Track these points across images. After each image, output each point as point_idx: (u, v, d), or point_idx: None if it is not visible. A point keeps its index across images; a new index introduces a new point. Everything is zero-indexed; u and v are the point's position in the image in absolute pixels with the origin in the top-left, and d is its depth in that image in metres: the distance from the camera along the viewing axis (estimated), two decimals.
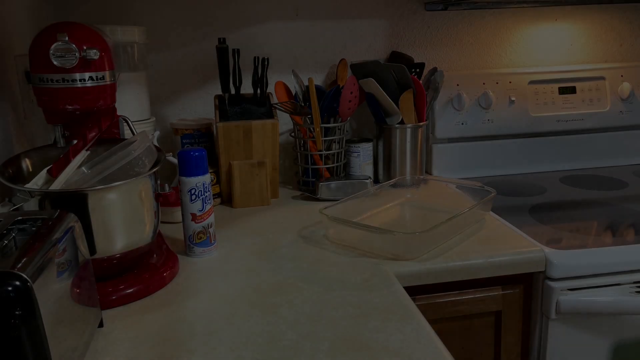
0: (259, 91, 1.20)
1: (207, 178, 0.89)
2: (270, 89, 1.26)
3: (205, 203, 0.89)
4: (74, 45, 0.74)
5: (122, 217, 0.73)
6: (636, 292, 0.92)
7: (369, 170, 1.31)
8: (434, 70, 1.29)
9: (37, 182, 0.80)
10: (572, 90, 1.39)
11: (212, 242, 0.91)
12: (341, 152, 1.27)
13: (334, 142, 1.26)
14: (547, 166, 1.41)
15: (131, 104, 1.11)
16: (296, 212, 1.12)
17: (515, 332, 0.95)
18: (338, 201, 1.01)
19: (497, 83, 1.35)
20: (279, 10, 1.33)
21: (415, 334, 0.66)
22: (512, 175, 1.38)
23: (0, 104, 0.87)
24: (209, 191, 0.89)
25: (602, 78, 1.40)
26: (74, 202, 0.69)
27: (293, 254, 0.91)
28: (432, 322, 0.90)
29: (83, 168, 0.83)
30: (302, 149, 1.26)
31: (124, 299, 0.75)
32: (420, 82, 1.26)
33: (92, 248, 0.72)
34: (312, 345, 0.64)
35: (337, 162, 1.27)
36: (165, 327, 0.69)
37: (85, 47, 0.75)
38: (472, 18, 1.42)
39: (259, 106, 1.20)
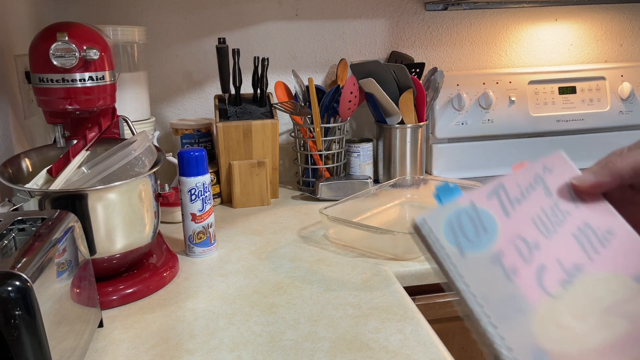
0: (259, 91, 1.20)
1: (207, 178, 0.89)
2: (270, 89, 1.26)
3: (205, 203, 0.89)
4: (73, 45, 0.74)
5: (122, 217, 0.73)
6: None
7: (369, 170, 1.31)
8: (434, 70, 1.29)
9: (37, 182, 0.80)
10: (572, 90, 1.39)
11: (212, 242, 0.91)
12: (341, 152, 1.27)
13: (334, 142, 1.26)
14: None
15: (131, 103, 1.11)
16: (296, 212, 1.12)
17: None
18: (338, 201, 1.01)
19: (497, 83, 1.35)
20: (279, 10, 1.33)
21: (415, 334, 0.66)
22: None
23: (0, 104, 0.87)
24: (209, 191, 0.89)
25: (602, 78, 1.40)
26: (74, 202, 0.69)
27: (293, 254, 0.91)
28: (432, 322, 0.90)
29: (83, 168, 0.83)
30: (302, 149, 1.26)
31: (123, 299, 0.75)
32: (420, 82, 1.26)
33: (92, 248, 0.72)
34: (312, 345, 0.64)
35: (337, 162, 1.27)
36: (165, 327, 0.69)
37: (85, 47, 0.75)
38: (472, 18, 1.42)
39: (259, 106, 1.20)
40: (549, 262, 0.37)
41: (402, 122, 1.25)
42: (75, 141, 0.85)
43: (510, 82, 1.36)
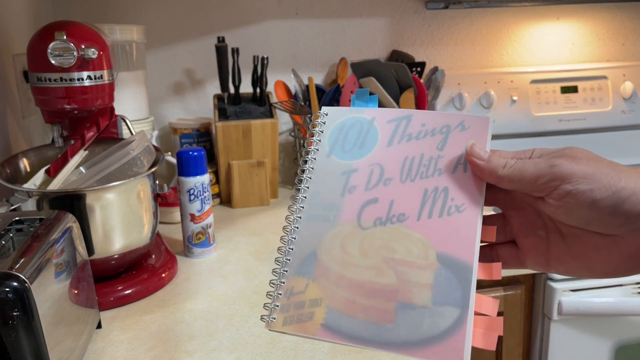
0: (258, 90, 1.20)
1: (206, 178, 0.88)
2: (270, 88, 1.26)
3: (204, 203, 0.88)
4: (72, 44, 0.73)
5: (121, 218, 0.73)
6: (638, 293, 0.91)
7: None
8: (435, 69, 1.28)
9: (35, 182, 0.79)
10: (574, 89, 1.38)
11: (211, 242, 0.91)
12: None
13: None
14: None
15: (129, 103, 1.10)
16: None
17: (516, 333, 0.94)
18: None
19: (498, 82, 1.35)
20: (278, 9, 1.32)
21: None
22: None
23: None
24: (208, 191, 0.88)
25: (604, 77, 1.40)
26: (72, 203, 0.69)
27: None
28: None
29: (81, 168, 0.82)
30: (302, 149, 1.25)
31: (122, 300, 0.75)
32: (421, 81, 1.25)
33: (90, 249, 0.71)
34: (311, 346, 0.64)
35: None
36: (164, 329, 0.69)
37: (83, 46, 0.74)
38: (473, 17, 1.42)
39: (258, 105, 1.20)
40: (383, 199, 0.39)
41: None
42: (73, 141, 0.84)
43: (511, 82, 1.35)
